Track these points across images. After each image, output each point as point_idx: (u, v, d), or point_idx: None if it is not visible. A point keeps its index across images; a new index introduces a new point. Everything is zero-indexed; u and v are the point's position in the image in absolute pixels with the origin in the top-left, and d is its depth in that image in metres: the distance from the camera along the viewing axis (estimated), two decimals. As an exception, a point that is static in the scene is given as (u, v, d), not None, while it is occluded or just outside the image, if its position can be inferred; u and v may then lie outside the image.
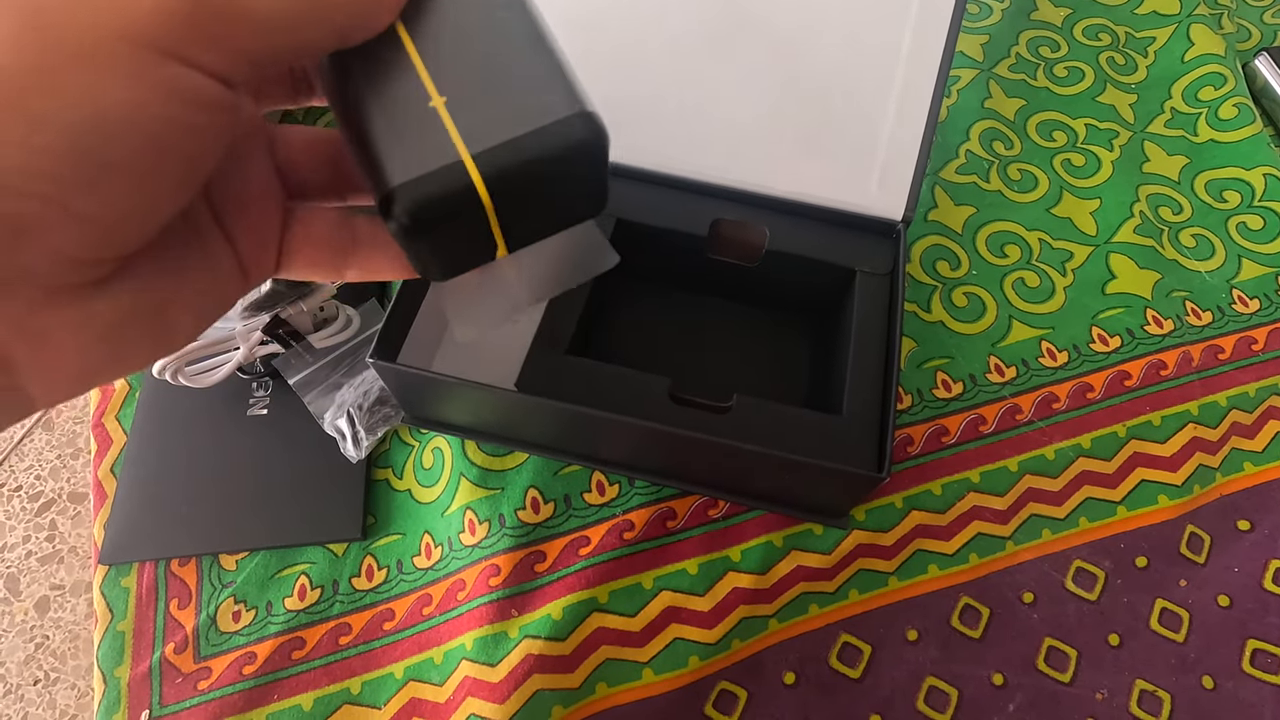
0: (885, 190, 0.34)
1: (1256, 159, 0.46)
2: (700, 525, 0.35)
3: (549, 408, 0.30)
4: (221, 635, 0.35)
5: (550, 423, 0.33)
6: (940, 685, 0.34)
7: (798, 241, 0.34)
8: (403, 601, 0.35)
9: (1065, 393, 0.39)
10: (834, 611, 0.35)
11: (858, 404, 0.31)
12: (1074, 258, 0.43)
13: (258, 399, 0.40)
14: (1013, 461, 0.37)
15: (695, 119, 0.36)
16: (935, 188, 0.45)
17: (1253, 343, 0.41)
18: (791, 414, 0.31)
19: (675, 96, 0.36)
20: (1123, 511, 0.37)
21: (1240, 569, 0.36)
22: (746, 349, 0.39)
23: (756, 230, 0.35)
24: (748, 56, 0.35)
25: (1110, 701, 0.34)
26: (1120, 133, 0.48)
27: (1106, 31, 0.52)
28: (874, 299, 0.33)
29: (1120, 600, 0.36)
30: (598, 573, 0.34)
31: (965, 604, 0.35)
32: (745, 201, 0.35)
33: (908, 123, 0.34)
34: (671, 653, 0.33)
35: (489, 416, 0.34)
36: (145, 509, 0.37)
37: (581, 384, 0.31)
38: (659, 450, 0.32)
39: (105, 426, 0.40)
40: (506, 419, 0.33)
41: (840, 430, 0.30)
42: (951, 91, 0.49)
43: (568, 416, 0.30)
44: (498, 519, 0.35)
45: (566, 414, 0.30)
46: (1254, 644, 0.35)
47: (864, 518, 0.36)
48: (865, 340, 0.32)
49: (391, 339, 0.32)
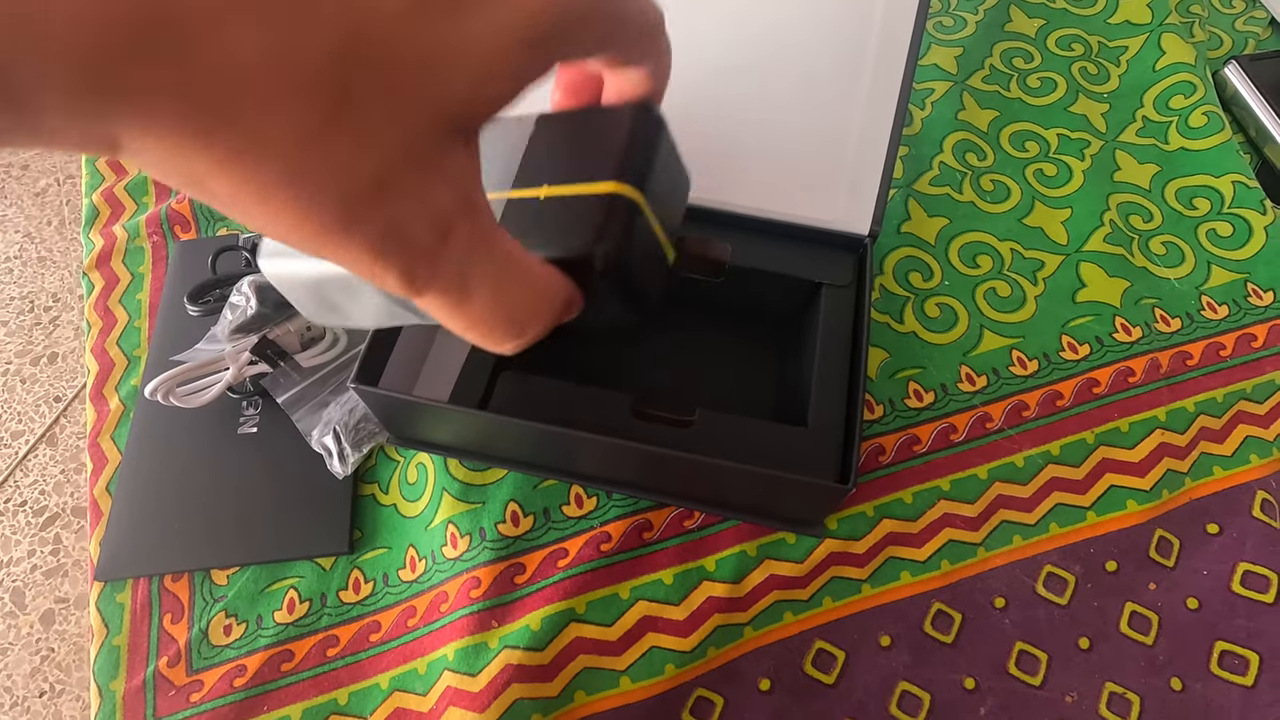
0: (852, 205, 0.35)
1: (1226, 166, 0.47)
2: (675, 536, 0.36)
3: (518, 426, 0.31)
4: (213, 648, 0.36)
5: (524, 441, 0.34)
6: (913, 690, 0.35)
7: (763, 257, 0.35)
8: (388, 613, 0.36)
9: (1035, 401, 0.40)
10: (808, 619, 0.35)
11: (823, 416, 0.32)
12: (1045, 267, 0.44)
13: (247, 417, 0.41)
14: (983, 469, 0.38)
15: None
16: (909, 200, 0.46)
17: (1221, 348, 0.42)
18: (755, 426, 0.31)
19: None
20: (1092, 517, 0.38)
21: (1209, 572, 0.37)
22: (714, 363, 0.39)
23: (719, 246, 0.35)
24: (711, 74, 0.36)
25: (1080, 704, 0.34)
26: (1092, 142, 0.49)
27: (1079, 41, 0.53)
28: (839, 312, 0.34)
29: (1090, 604, 0.36)
30: (575, 584, 0.35)
31: (938, 610, 0.36)
32: (711, 220, 0.36)
33: (873, 137, 0.35)
34: (648, 661, 0.34)
35: (467, 435, 0.35)
36: (139, 526, 0.38)
37: (548, 403, 0.32)
38: (629, 464, 0.33)
39: (100, 446, 0.41)
40: (483, 438, 0.34)
41: (805, 442, 0.31)
42: (925, 104, 0.50)
43: (537, 435, 0.31)
44: (478, 532, 0.36)
45: (535, 432, 0.31)
46: (1222, 645, 0.36)
47: (836, 526, 0.37)
48: (830, 353, 0.33)
49: (373, 364, 0.33)
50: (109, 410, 0.42)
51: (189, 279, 0.44)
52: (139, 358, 0.43)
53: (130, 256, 0.47)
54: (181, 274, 0.45)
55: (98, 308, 0.45)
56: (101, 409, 0.42)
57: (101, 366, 0.43)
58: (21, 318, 1.13)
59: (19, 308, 1.14)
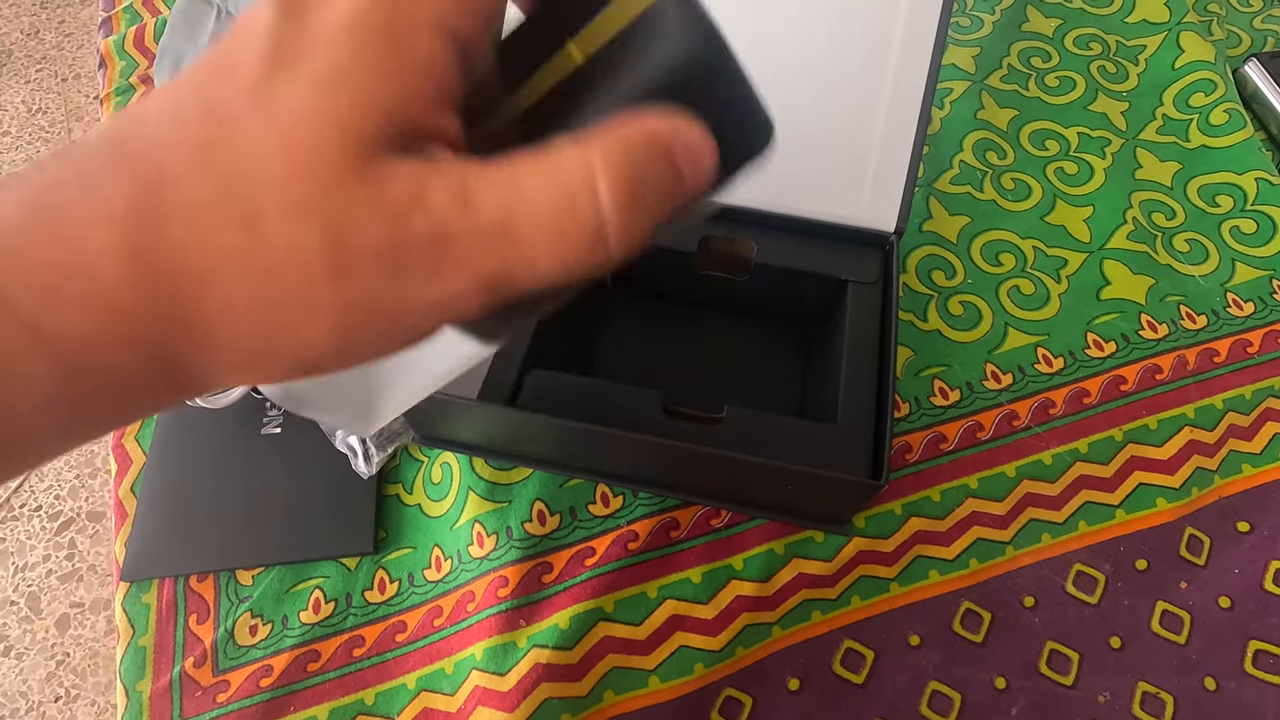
0: (877, 202, 0.35)
1: (1248, 163, 0.47)
2: (703, 535, 0.36)
3: (546, 424, 0.31)
4: (239, 649, 0.36)
5: (551, 439, 0.33)
6: (943, 689, 0.34)
7: (789, 254, 0.35)
8: (414, 613, 0.36)
9: (1061, 398, 0.40)
10: (837, 618, 0.35)
11: (852, 412, 0.32)
12: (1068, 265, 0.44)
13: (271, 418, 0.41)
14: (1010, 467, 0.38)
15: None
16: (930, 198, 0.46)
17: (1248, 345, 0.41)
18: (785, 423, 0.31)
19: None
20: (1121, 515, 0.37)
21: (1241, 570, 0.37)
22: (741, 361, 0.39)
23: (744, 244, 0.36)
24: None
25: (1113, 704, 0.34)
26: (1112, 140, 0.48)
27: (1097, 41, 0.53)
28: (866, 309, 0.34)
29: (1121, 603, 0.36)
30: (603, 583, 0.35)
31: (966, 609, 0.36)
32: (736, 219, 0.36)
33: (898, 135, 0.35)
34: (677, 660, 0.34)
35: (494, 434, 0.35)
36: (164, 527, 0.38)
37: (577, 401, 0.31)
38: (657, 463, 0.33)
39: (125, 447, 0.41)
40: (509, 436, 0.34)
41: (834, 438, 0.31)
42: (944, 103, 0.50)
43: (567, 433, 0.31)
44: (505, 531, 0.36)
45: (564, 430, 0.31)
46: (1256, 645, 0.35)
47: (864, 525, 0.36)
48: (859, 350, 0.33)
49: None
50: (133, 411, 0.42)
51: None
52: (163, 359, 0.43)
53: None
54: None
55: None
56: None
57: (126, 368, 0.43)
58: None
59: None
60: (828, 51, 0.36)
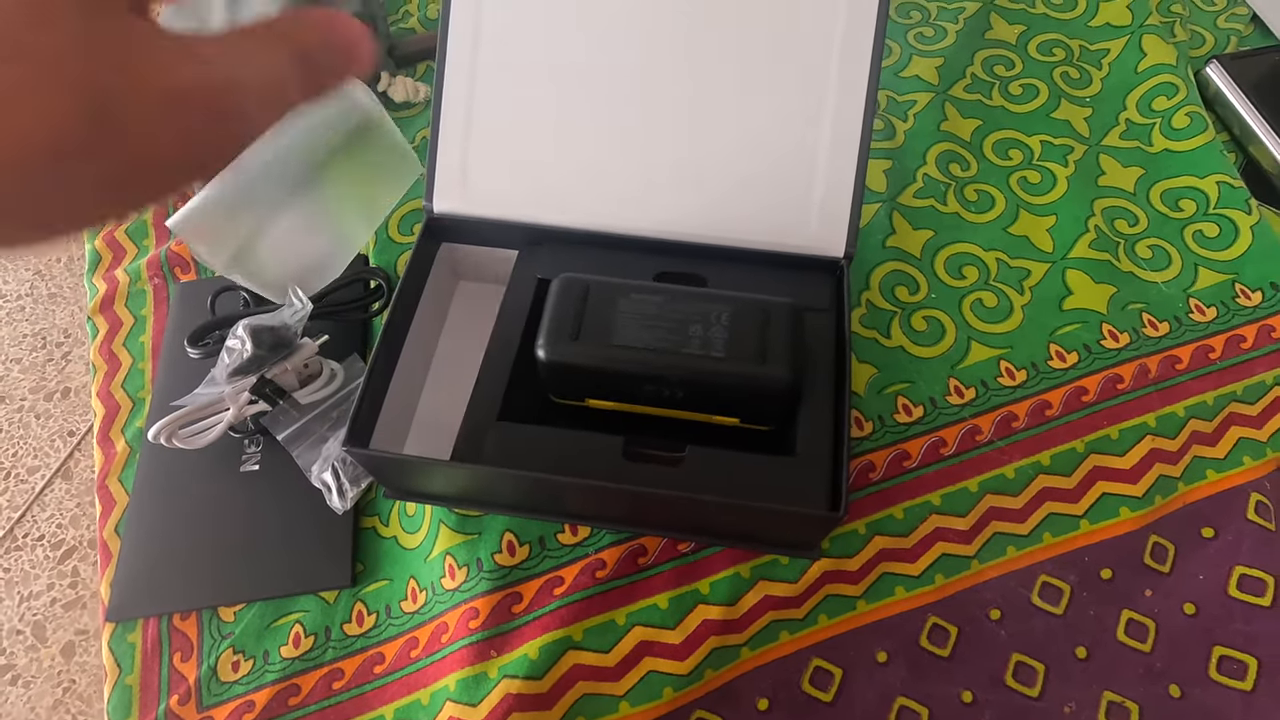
0: (825, 228, 0.36)
1: (1210, 167, 0.47)
2: (670, 560, 0.37)
3: (511, 477, 0.31)
4: (222, 685, 0.36)
5: (517, 489, 0.34)
6: (911, 705, 0.35)
7: (741, 285, 0.36)
8: (391, 645, 0.37)
9: (1024, 411, 0.40)
10: (804, 637, 0.36)
11: (810, 443, 0.32)
12: (1031, 275, 0.44)
13: (249, 455, 0.42)
14: (973, 482, 0.38)
15: (633, 176, 0.37)
16: (893, 213, 0.46)
17: (1210, 351, 0.42)
18: (744, 459, 0.32)
19: (611, 156, 0.37)
20: (1085, 525, 0.38)
21: (1205, 576, 0.37)
22: None
23: (695, 278, 0.36)
24: (675, 108, 0.36)
25: (1078, 715, 0.34)
26: (1075, 148, 0.49)
27: (1060, 46, 0.53)
28: (820, 336, 0.34)
29: (1086, 613, 0.36)
30: (572, 611, 0.35)
31: (933, 623, 0.36)
32: (687, 253, 0.37)
33: (841, 160, 0.36)
34: (646, 685, 0.34)
35: (462, 485, 0.35)
36: (148, 567, 0.39)
37: (540, 450, 0.32)
38: (622, 503, 0.33)
39: (109, 488, 0.42)
40: (477, 488, 0.35)
41: (793, 471, 0.32)
42: (907, 116, 0.50)
43: (530, 483, 0.32)
44: (475, 563, 0.37)
45: (528, 481, 0.31)
46: (1220, 650, 0.36)
47: (829, 545, 0.37)
48: (815, 379, 0.33)
49: (363, 424, 0.34)
50: (116, 453, 0.43)
51: (189, 320, 0.45)
52: (143, 399, 0.44)
53: (132, 300, 0.48)
54: (182, 316, 0.46)
55: (103, 352, 0.46)
56: (109, 451, 0.43)
57: (108, 410, 0.44)
58: (34, 354, 1.15)
59: (32, 344, 1.16)
60: (765, 83, 0.36)
